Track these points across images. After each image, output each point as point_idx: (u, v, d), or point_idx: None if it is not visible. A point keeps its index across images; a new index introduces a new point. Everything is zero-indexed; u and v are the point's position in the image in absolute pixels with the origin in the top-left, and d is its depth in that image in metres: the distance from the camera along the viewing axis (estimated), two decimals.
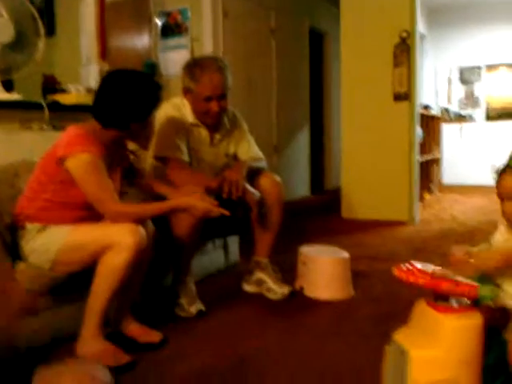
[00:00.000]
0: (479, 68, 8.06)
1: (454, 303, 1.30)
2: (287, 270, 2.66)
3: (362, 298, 2.44)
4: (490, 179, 1.47)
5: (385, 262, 1.41)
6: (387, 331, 1.42)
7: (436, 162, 6.63)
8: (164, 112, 2.29)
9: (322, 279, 2.43)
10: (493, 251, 1.38)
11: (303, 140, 5.50)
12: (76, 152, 1.74)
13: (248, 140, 2.55)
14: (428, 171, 6.09)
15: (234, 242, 3.00)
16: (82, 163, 1.75)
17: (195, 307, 2.21)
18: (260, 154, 2.58)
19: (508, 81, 7.93)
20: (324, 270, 2.44)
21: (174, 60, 4.19)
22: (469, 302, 1.31)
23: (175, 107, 2.37)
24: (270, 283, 2.46)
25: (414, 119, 4.39)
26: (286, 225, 2.57)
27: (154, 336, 1.92)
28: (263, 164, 2.56)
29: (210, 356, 1.82)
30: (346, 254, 2.51)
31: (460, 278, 1.26)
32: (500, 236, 1.43)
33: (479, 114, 8.16)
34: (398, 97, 4.34)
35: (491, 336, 1.31)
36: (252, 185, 2.36)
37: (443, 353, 1.27)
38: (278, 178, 2.50)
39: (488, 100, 8.12)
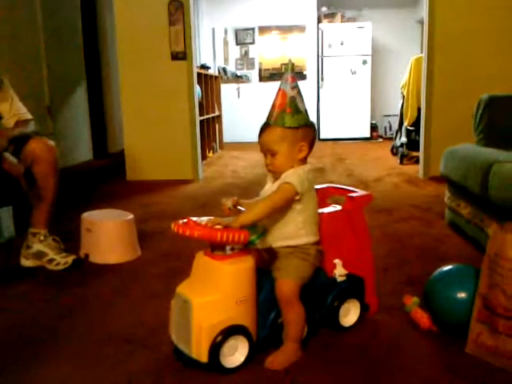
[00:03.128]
0: (253, 30, 8.56)
1: (228, 250, 1.40)
2: (73, 239, 2.53)
3: (149, 257, 2.46)
4: None
5: (170, 220, 1.43)
6: (174, 287, 1.47)
7: (217, 120, 6.92)
8: None
9: (107, 243, 2.38)
10: (249, 212, 1.42)
11: (81, 101, 5.18)
12: None
13: (10, 96, 2.33)
14: (210, 130, 6.33)
15: (6, 216, 2.71)
16: None
17: None
18: (28, 115, 2.37)
19: (277, 43, 8.61)
20: (108, 234, 2.39)
21: None
22: (241, 247, 1.42)
23: None
24: (52, 254, 2.31)
25: (192, 79, 4.48)
26: (69, 192, 2.43)
27: None
28: (32, 126, 2.36)
29: None
30: (129, 216, 2.48)
31: (231, 226, 1.35)
32: (267, 186, 1.56)
33: (254, 74, 8.74)
34: (176, 56, 4.37)
35: (262, 276, 1.44)
36: (21, 151, 2.18)
37: (222, 296, 1.37)
38: (51, 142, 2.33)
39: (261, 61, 8.72)
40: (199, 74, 5.32)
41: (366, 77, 7.84)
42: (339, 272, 1.59)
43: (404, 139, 5.25)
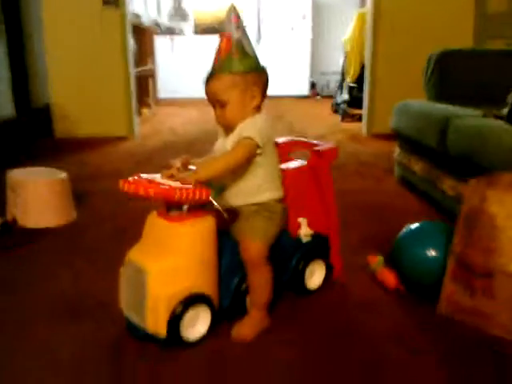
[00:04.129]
0: None
1: (185, 209, 1.23)
2: None
3: (86, 220, 2.23)
4: (201, 92, 1.37)
5: (108, 180, 1.24)
6: (119, 251, 1.30)
7: (151, 75, 6.55)
8: None
9: (37, 205, 2.11)
10: (208, 165, 1.29)
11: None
12: None
13: None
14: (144, 85, 5.97)
15: None
16: None
17: None
18: None
19: None
20: (38, 195, 2.12)
21: None
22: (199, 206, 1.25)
23: None
24: None
25: (125, 27, 4.13)
26: None
27: None
28: None
29: None
30: (63, 175, 2.22)
31: (188, 180, 1.19)
32: (219, 140, 1.40)
33: (188, 27, 8.32)
34: (107, 1, 3.99)
35: (221, 238, 1.29)
36: None
37: (181, 261, 1.21)
38: None
39: (196, 14, 8.31)
40: (132, 26, 4.93)
41: (306, 33, 7.66)
42: (304, 232, 1.47)
43: (346, 96, 5.18)
